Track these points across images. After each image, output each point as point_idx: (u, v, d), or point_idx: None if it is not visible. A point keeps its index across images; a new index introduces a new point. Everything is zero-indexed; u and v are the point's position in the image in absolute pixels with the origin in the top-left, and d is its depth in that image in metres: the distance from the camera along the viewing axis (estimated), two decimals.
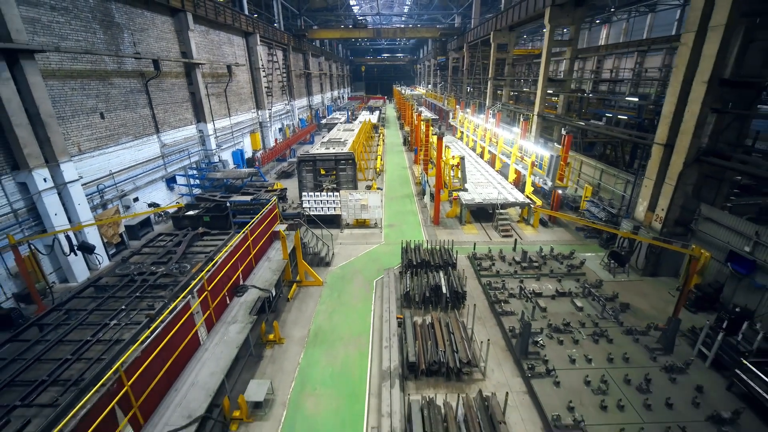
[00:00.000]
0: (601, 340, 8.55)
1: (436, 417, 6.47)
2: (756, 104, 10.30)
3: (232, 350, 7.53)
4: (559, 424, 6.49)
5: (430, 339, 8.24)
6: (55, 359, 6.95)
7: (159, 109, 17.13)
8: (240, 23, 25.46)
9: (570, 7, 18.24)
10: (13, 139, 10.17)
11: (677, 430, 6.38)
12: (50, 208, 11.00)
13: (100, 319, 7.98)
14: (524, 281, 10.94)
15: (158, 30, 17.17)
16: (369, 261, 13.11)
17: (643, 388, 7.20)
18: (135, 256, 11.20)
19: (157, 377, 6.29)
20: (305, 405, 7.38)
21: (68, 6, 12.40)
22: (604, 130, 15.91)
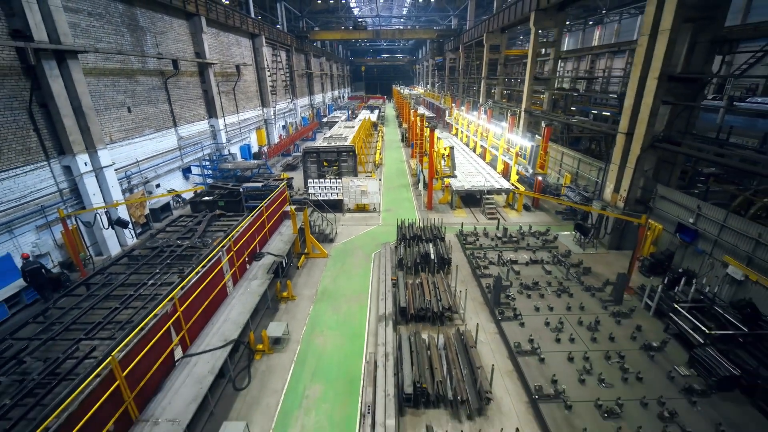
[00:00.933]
0: (563, 295, 10.16)
1: (421, 344, 8.08)
2: (700, 97, 11.89)
3: (254, 298, 9.14)
4: (519, 350, 8.10)
5: (419, 291, 9.86)
6: (106, 308, 8.43)
7: (176, 105, 18.75)
8: (247, 25, 27.09)
9: (553, 11, 19.86)
10: (60, 127, 11.79)
11: (615, 355, 7.98)
12: (90, 188, 12.62)
13: (138, 280, 9.44)
14: (503, 252, 12.55)
15: (176, 32, 18.80)
16: (368, 238, 14.72)
17: (592, 327, 8.80)
18: (161, 233, 12.77)
19: (198, 311, 7.89)
20: (315, 342, 8.98)
21: (102, 12, 14.03)
22: (578, 123, 17.53)
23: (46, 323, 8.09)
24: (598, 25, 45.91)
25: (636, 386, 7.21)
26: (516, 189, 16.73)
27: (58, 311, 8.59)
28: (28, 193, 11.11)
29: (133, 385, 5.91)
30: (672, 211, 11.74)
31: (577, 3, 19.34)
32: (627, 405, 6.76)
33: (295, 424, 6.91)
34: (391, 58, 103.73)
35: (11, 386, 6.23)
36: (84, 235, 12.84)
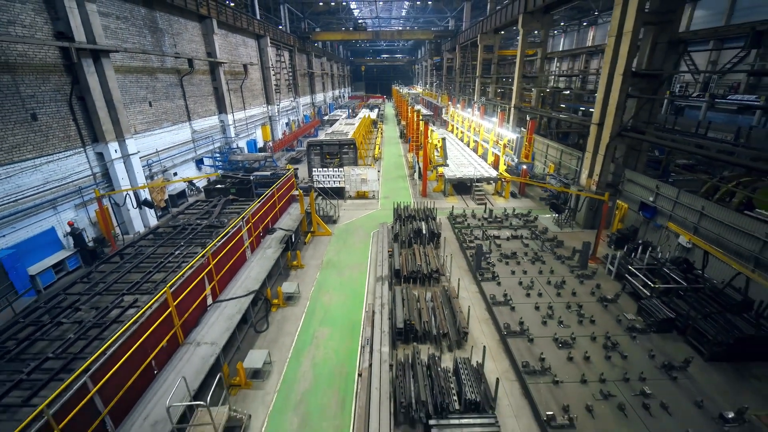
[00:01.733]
0: (537, 262, 11.68)
1: (412, 297, 9.60)
2: (660, 91, 13.41)
3: (269, 262, 10.66)
4: (494, 302, 9.61)
5: (411, 258, 11.37)
6: (141, 271, 9.90)
7: (190, 101, 20.28)
8: (253, 27, 28.63)
9: (539, 14, 21.39)
10: (95, 118, 13.32)
11: (575, 306, 9.48)
12: (119, 173, 14.15)
13: (165, 252, 10.86)
14: (488, 230, 14.08)
15: (190, 34, 20.34)
16: (368, 220, 16.24)
17: (558, 286, 10.32)
18: (181, 215, 14.29)
19: (225, 268, 9.40)
20: (322, 299, 10.50)
21: (127, 15, 15.56)
22: (558, 117, 19.06)
23: (90, 283, 9.59)
24: (592, 26, 47.62)
25: (588, 326, 8.73)
26: (501, 175, 18.24)
27: (100, 274, 10.08)
28: (68, 175, 12.63)
29: (179, 315, 7.42)
30: (636, 192, 13.27)
31: (564, 6, 20.81)
32: (579, 339, 8.27)
33: (307, 355, 8.42)
34: (390, 58, 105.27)
35: (72, 327, 7.70)
36: (113, 214, 14.36)
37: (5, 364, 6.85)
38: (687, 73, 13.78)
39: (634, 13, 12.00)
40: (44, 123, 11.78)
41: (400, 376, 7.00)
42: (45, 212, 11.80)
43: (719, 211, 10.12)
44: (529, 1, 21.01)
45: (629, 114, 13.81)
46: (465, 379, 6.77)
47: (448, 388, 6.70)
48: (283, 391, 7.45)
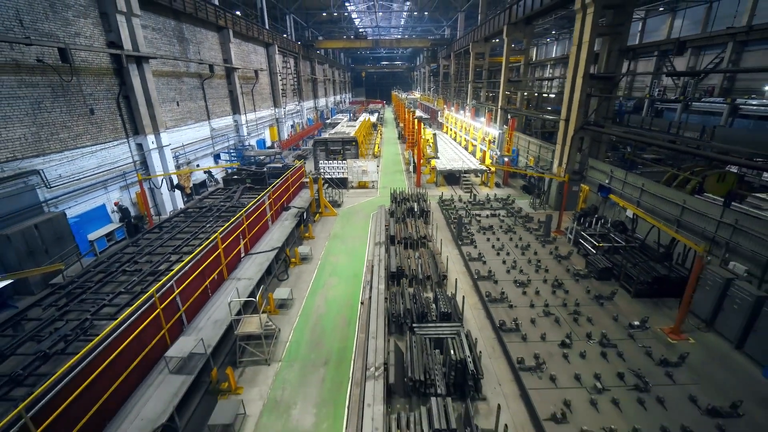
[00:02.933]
0: (509, 233, 13.98)
1: (403, 255, 11.89)
2: (614, 91, 15.82)
3: (287, 229, 12.97)
4: (470, 258, 11.90)
5: (404, 228, 13.68)
6: (179, 239, 12.15)
7: (210, 102, 22.73)
8: (263, 36, 31.22)
9: (522, 25, 23.91)
10: (137, 114, 15.71)
11: (534, 260, 11.75)
12: (155, 162, 16.51)
13: (196, 227, 13.12)
14: (471, 210, 16.40)
15: (210, 42, 22.85)
16: (368, 205, 18.56)
17: (523, 248, 12.60)
18: (206, 199, 16.62)
19: (255, 229, 11.71)
20: (331, 259, 12.80)
21: (161, 27, 18.04)
22: (536, 115, 21.48)
23: (139, 247, 11.90)
24: None
25: (542, 274, 11.01)
26: (487, 166, 20.61)
27: (146, 241, 12.38)
28: (116, 162, 14.98)
29: (224, 258, 9.71)
30: (596, 177, 15.62)
31: (542, 18, 23.33)
32: (533, 281, 10.55)
33: (320, 294, 10.70)
34: (390, 65, 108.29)
35: (132, 276, 9.96)
36: (150, 196, 16.69)
37: (91, 295, 9.13)
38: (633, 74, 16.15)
39: (590, 26, 14.44)
40: (99, 117, 14.17)
41: (393, 302, 9.27)
42: (98, 191, 14.14)
43: (653, 186, 12.47)
44: (512, 14, 23.54)
45: (594, 111, 16.19)
46: (441, 302, 9.04)
47: (429, 307, 8.97)
48: (303, 315, 9.73)
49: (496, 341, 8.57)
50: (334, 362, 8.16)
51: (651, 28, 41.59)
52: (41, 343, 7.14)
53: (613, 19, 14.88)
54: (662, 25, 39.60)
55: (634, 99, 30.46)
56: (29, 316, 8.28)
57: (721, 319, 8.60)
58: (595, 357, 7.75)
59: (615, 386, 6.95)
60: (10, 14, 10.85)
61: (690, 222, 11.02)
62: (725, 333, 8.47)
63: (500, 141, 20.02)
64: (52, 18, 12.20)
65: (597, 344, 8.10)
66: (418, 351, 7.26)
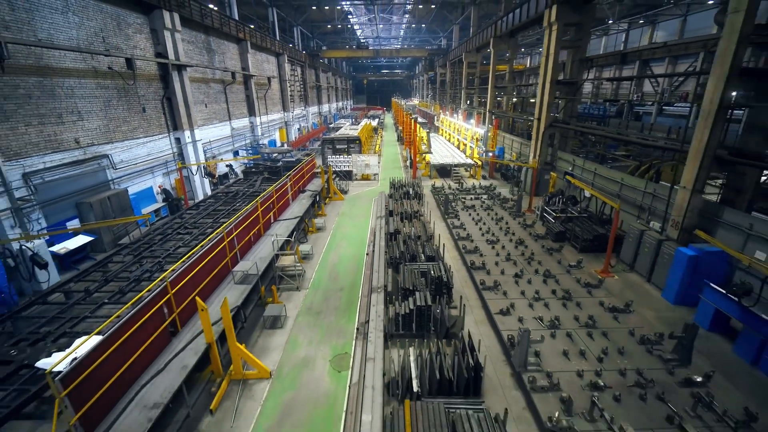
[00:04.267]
0: (488, 210, 16.87)
1: (400, 224, 14.76)
2: (577, 94, 18.85)
3: (305, 205, 15.86)
4: (455, 227, 14.77)
5: (401, 206, 16.58)
6: (211, 218, 15.05)
7: (231, 105, 25.78)
8: (275, 47, 34.45)
9: (506, 38, 27.05)
10: (177, 113, 18.71)
11: (506, 229, 14.62)
12: (190, 154, 19.47)
13: (226, 207, 16.03)
14: (458, 195, 19.31)
15: (231, 53, 25.98)
16: (370, 193, 21.48)
17: (498, 220, 15.48)
18: (231, 186, 19.54)
19: (280, 203, 14.59)
20: (340, 230, 15.67)
21: (193, 40, 21.14)
22: (516, 116, 24.52)
23: (183, 221, 14.81)
24: None
25: (509, 236, 13.88)
26: (475, 159, 23.55)
27: (188, 215, 15.27)
28: (160, 152, 17.93)
29: (262, 218, 12.59)
30: (563, 166, 18.55)
31: (524, 31, 26.45)
32: (501, 240, 13.40)
33: (334, 251, 13.55)
34: (390, 73, 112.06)
35: (185, 236, 12.84)
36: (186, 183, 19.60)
37: (156, 248, 12.00)
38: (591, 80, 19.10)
39: (555, 40, 17.48)
40: (149, 114, 17.16)
41: (391, 252, 12.11)
42: (147, 175, 17.06)
43: (602, 170, 15.40)
44: (498, 28, 26.69)
45: (561, 110, 19.20)
46: (428, 249, 11.88)
47: (418, 252, 11.81)
48: (322, 263, 12.59)
49: (467, 276, 11.44)
50: (348, 289, 11.01)
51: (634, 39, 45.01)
52: (141, 266, 10.03)
53: (575, 34, 17.96)
54: (644, 36, 43.02)
55: (616, 104, 33.60)
56: (114, 259, 11.16)
57: (639, 261, 11.48)
58: (539, 283, 10.60)
59: (548, 298, 9.80)
60: (94, 32, 13.89)
61: (626, 195, 13.91)
62: (640, 271, 11.34)
63: (485, 138, 22.99)
64: (119, 34, 15.24)
65: (541, 276, 10.95)
66: (408, 275, 10.10)
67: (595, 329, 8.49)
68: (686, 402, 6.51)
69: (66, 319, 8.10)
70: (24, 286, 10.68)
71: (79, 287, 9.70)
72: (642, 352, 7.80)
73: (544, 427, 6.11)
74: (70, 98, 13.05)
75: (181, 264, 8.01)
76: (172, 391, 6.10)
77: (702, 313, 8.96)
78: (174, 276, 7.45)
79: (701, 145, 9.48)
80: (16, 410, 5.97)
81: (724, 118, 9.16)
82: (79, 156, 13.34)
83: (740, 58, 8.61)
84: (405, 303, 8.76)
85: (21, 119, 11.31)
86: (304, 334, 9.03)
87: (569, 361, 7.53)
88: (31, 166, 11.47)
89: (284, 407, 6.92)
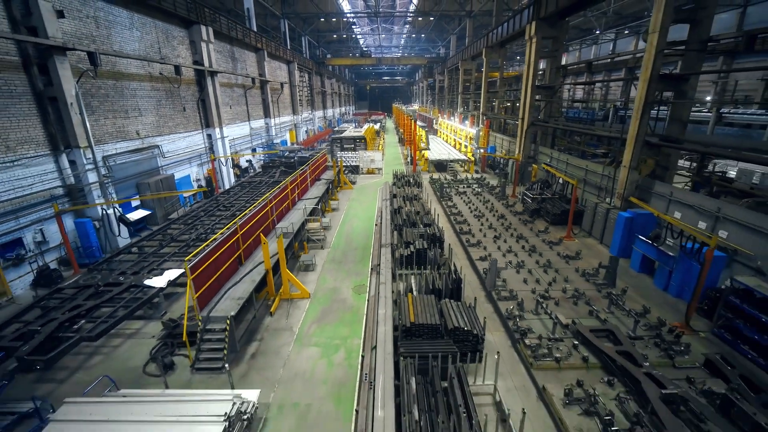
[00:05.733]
0: (478, 195, 19.74)
1: (402, 204, 17.62)
2: (554, 97, 21.82)
3: (321, 189, 18.73)
4: (448, 205, 17.62)
5: (403, 190, 19.46)
6: (242, 200, 17.97)
7: (250, 107, 28.78)
8: (287, 55, 37.59)
9: (497, 47, 30.15)
10: (209, 113, 21.66)
11: (492, 209, 17.47)
12: (219, 148, 22.39)
13: (251, 193, 18.95)
14: (453, 185, 22.21)
15: (250, 61, 29.04)
16: (375, 184, 24.37)
17: (485, 202, 18.34)
18: (253, 178, 22.45)
19: (302, 187, 17.45)
20: (352, 211, 18.52)
21: (221, 50, 24.17)
22: (505, 117, 27.51)
23: (219, 201, 17.72)
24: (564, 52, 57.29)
25: (495, 213, 16.73)
26: (468, 154, 26.46)
27: (222, 198, 18.20)
28: (196, 146, 20.84)
29: (290, 195, 15.44)
30: (543, 159, 21.45)
31: (514, 41, 29.51)
32: (486, 214, 16.25)
33: (348, 224, 16.39)
34: (391, 80, 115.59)
35: (226, 212, 15.72)
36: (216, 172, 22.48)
37: (204, 217, 14.86)
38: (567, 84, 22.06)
39: (534, 51, 20.48)
40: (188, 113, 20.10)
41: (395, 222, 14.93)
42: (185, 165, 19.95)
43: (572, 159, 18.31)
44: (489, 39, 29.79)
45: (542, 111, 22.16)
46: (425, 219, 14.70)
47: (418, 221, 14.63)
48: (339, 232, 15.43)
49: (456, 239, 14.29)
50: (361, 249, 13.84)
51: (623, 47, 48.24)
52: (195, 232, 12.90)
53: (552, 46, 20.97)
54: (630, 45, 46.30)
55: (604, 109, 36.65)
56: (171, 228, 14.02)
57: (594, 228, 14.32)
58: (512, 243, 13.43)
59: (518, 251, 12.63)
60: (150, 44, 16.88)
61: (590, 179, 16.78)
62: (595, 235, 14.18)
63: (477, 137, 25.93)
64: (167, 45, 18.24)
65: (515, 238, 13.79)
66: (409, 234, 12.92)
67: (550, 268, 11.32)
68: (605, 305, 9.32)
69: (149, 262, 10.99)
70: (103, 245, 13.50)
71: (150, 245, 12.62)
72: (582, 280, 10.62)
73: (503, 315, 8.92)
74: (133, 98, 15.99)
75: (243, 215, 10.86)
76: (248, 292, 8.91)
77: (634, 259, 11.79)
78: (241, 222, 10.29)
79: (634, 133, 12.37)
80: (131, 312, 8.81)
81: (648, 112, 12.07)
82: (138, 145, 16.25)
83: (658, 66, 11.53)
84: (407, 249, 11.57)
85: (101, 114, 14.23)
86: (330, 274, 11.85)
87: (527, 285, 10.35)
88: (107, 151, 14.35)
89: (321, 312, 9.73)
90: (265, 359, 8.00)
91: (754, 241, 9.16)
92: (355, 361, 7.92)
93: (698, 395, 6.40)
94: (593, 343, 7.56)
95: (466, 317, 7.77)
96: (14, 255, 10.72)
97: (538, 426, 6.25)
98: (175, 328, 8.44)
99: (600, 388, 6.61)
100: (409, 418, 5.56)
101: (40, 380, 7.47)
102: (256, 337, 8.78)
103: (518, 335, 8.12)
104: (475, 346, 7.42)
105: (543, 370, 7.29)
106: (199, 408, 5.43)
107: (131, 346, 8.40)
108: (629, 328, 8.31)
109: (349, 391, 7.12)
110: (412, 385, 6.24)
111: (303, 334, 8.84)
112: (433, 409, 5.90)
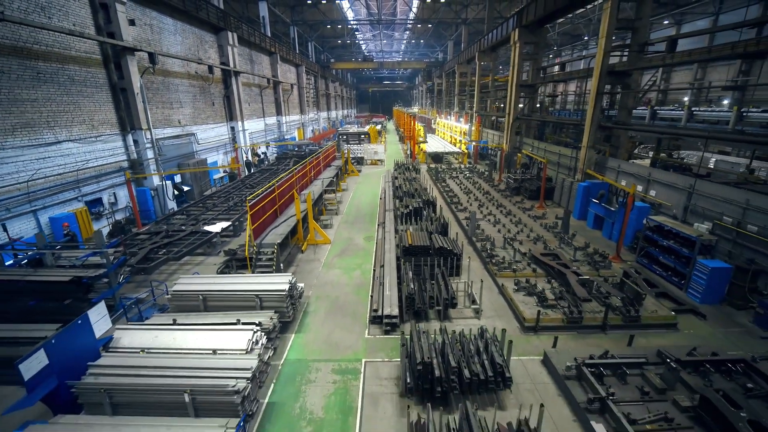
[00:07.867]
0: (468, 179, 22.67)
1: (403, 184, 20.54)
2: (536, 94, 24.83)
3: (333, 172, 21.67)
4: (443, 187, 20.55)
5: (403, 176, 22.40)
6: (265, 182, 20.93)
7: (264, 105, 31.82)
8: (296, 59, 40.75)
9: (489, 52, 33.26)
10: (234, 108, 24.67)
11: (480, 188, 20.39)
12: (242, 139, 25.38)
13: (270, 178, 21.93)
14: (447, 172, 25.15)
15: (265, 63, 32.14)
16: (379, 172, 27.32)
17: (475, 183, 21.27)
18: (270, 166, 25.40)
19: (318, 168, 20.38)
20: (359, 191, 21.45)
21: (242, 53, 27.25)
22: (496, 115, 30.56)
23: (243, 184, 20.66)
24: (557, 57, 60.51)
25: (481, 191, 19.64)
26: (462, 147, 29.44)
27: (246, 181, 21.15)
28: (222, 136, 23.81)
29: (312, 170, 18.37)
30: (526, 147, 24.42)
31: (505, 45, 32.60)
32: (474, 192, 19.17)
33: (357, 198, 19.31)
34: (391, 84, 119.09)
35: (253, 189, 18.64)
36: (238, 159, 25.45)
37: (234, 192, 17.79)
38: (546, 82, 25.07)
39: (518, 54, 23.52)
40: (216, 108, 23.11)
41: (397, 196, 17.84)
42: (213, 152, 22.92)
43: (549, 147, 21.28)
44: (481, 44, 32.89)
45: (526, 106, 25.15)
46: (423, 195, 17.59)
47: (417, 194, 17.52)
48: (350, 205, 18.36)
49: (447, 208, 17.20)
50: (369, 215, 16.76)
51: None
52: (229, 201, 15.87)
53: (534, 50, 24.02)
54: None
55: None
56: (208, 200, 16.94)
57: (562, 199, 17.23)
58: (493, 209, 16.34)
59: (497, 214, 15.53)
60: (188, 47, 19.92)
61: (562, 162, 19.73)
62: (563, 205, 17.08)
63: (469, 132, 28.93)
64: (201, 48, 21.28)
65: (496, 206, 16.70)
66: (407, 201, 15.82)
67: (520, 224, 14.22)
68: (558, 244, 12.21)
69: (199, 221, 13.92)
70: (157, 210, 16.40)
71: (195, 210, 15.54)
72: (543, 230, 13.53)
73: (479, 250, 11.81)
74: (176, 92, 18.98)
75: (279, 179, 13.80)
76: (287, 230, 11.81)
77: (589, 219, 14.70)
78: (278, 184, 13.24)
79: (590, 118, 15.32)
80: (197, 246, 11.71)
81: (601, 101, 15.03)
82: (179, 132, 19.22)
83: (605, 64, 14.51)
84: (406, 209, 14.49)
85: (154, 104, 17.21)
86: (345, 230, 14.78)
87: (499, 233, 13.26)
88: (157, 135, 17.30)
89: (340, 250, 12.64)
90: (302, 276, 10.88)
91: (670, 195, 12.09)
92: (368, 276, 10.80)
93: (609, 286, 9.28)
94: (541, 261, 10.45)
95: (449, 244, 10.67)
96: (97, 210, 13.63)
97: (498, 306, 9.11)
98: (234, 256, 11.32)
99: (540, 284, 9.48)
100: (407, 287, 8.46)
101: (140, 285, 10.35)
102: (293, 264, 11.68)
103: (488, 258, 11.01)
104: (454, 261, 10.31)
105: (504, 277, 10.17)
106: (273, 279, 8.33)
107: (201, 270, 11.27)
108: (572, 256, 11.20)
109: (365, 289, 10.00)
110: (410, 274, 9.14)
111: (328, 263, 11.74)
112: (423, 286, 8.80)
